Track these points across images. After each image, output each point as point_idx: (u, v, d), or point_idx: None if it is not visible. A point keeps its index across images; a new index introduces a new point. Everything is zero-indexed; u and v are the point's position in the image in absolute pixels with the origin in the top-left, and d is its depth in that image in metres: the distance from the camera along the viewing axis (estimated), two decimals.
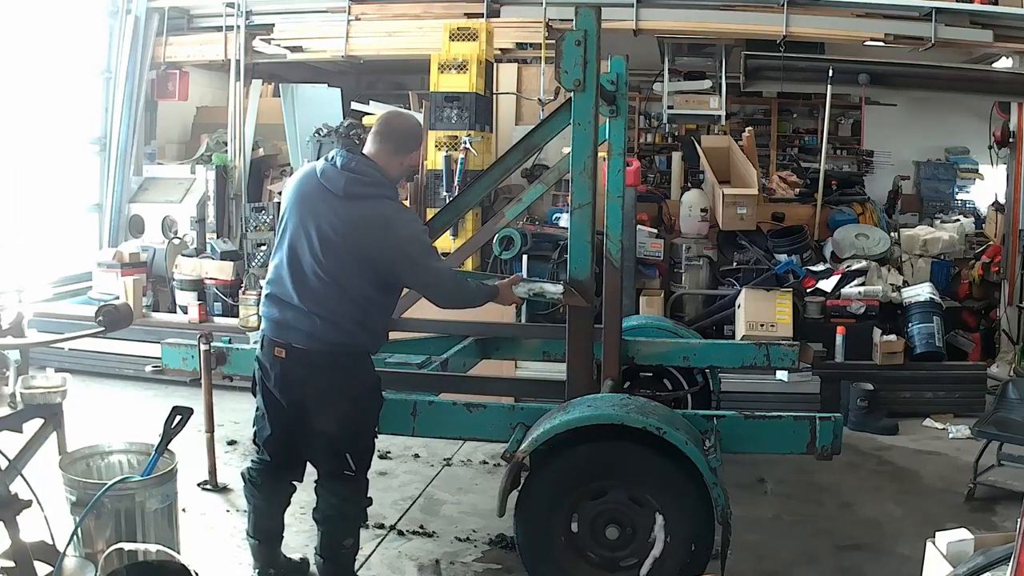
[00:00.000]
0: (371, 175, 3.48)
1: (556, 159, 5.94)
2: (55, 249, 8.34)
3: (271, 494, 3.77)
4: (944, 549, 2.84)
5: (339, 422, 3.50)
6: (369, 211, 3.44)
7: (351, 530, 3.63)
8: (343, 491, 3.58)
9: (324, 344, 3.46)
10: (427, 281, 3.62)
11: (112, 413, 6.19)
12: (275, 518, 3.81)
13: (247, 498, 3.80)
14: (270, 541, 3.80)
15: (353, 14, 8.55)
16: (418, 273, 3.57)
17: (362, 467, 3.60)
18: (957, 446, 6.02)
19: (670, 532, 3.52)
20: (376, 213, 3.44)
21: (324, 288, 3.45)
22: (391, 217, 3.46)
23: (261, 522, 3.77)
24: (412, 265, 3.51)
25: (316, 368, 3.47)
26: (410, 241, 3.49)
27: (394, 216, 3.49)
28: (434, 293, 3.68)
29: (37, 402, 3.44)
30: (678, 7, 8.21)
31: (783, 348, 5.04)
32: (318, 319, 3.45)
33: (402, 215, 3.59)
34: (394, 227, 3.44)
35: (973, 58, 8.81)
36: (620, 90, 4.16)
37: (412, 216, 3.70)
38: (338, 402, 3.49)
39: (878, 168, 11.18)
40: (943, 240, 7.95)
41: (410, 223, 3.59)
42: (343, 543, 3.61)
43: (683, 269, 7.51)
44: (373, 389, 3.62)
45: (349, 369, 3.51)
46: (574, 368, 3.85)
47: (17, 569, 2.83)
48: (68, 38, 8.39)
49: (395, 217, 3.49)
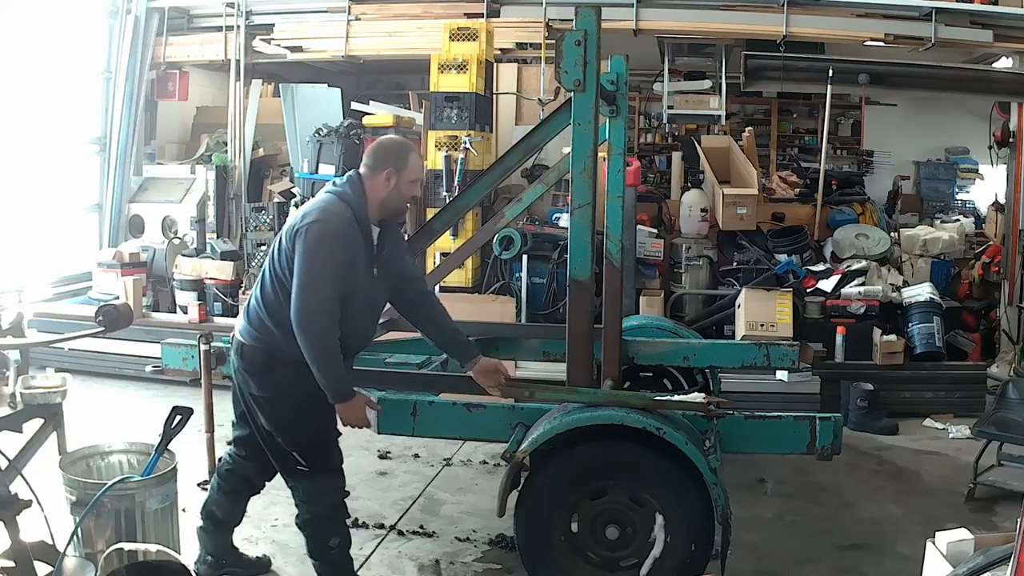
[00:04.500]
0: (337, 184, 3.47)
1: (556, 159, 5.94)
2: (55, 249, 8.34)
3: (232, 490, 3.79)
4: (944, 549, 2.84)
5: (271, 421, 3.48)
6: (312, 203, 3.45)
7: (332, 529, 3.57)
8: (304, 488, 3.53)
9: (247, 338, 3.48)
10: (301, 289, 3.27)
11: (112, 413, 6.19)
12: (231, 511, 3.83)
13: (212, 485, 3.86)
14: (222, 530, 3.82)
15: (353, 14, 8.56)
16: (299, 273, 3.28)
17: (316, 462, 3.49)
18: (957, 446, 6.02)
19: (670, 532, 3.52)
20: (312, 204, 3.44)
21: (257, 285, 3.51)
22: (310, 212, 3.36)
23: (217, 511, 3.78)
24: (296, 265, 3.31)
25: (243, 361, 3.49)
26: (308, 241, 3.27)
27: (314, 214, 3.33)
28: (297, 309, 3.27)
29: (37, 402, 3.46)
30: (678, 7, 8.22)
31: (783, 348, 5.03)
32: (247, 309, 3.52)
33: (322, 217, 3.32)
34: (307, 221, 3.31)
35: (973, 58, 8.81)
36: (620, 90, 4.15)
37: (333, 230, 3.30)
38: (261, 402, 3.48)
39: (878, 168, 11.19)
40: (943, 240, 7.95)
41: (323, 228, 3.29)
42: (328, 543, 3.56)
43: (683, 269, 7.51)
44: (289, 391, 3.42)
45: (264, 368, 3.44)
46: (574, 368, 3.85)
47: (17, 569, 2.83)
48: (68, 38, 8.39)
49: (314, 216, 3.32)
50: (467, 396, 4.02)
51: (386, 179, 3.45)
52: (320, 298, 3.26)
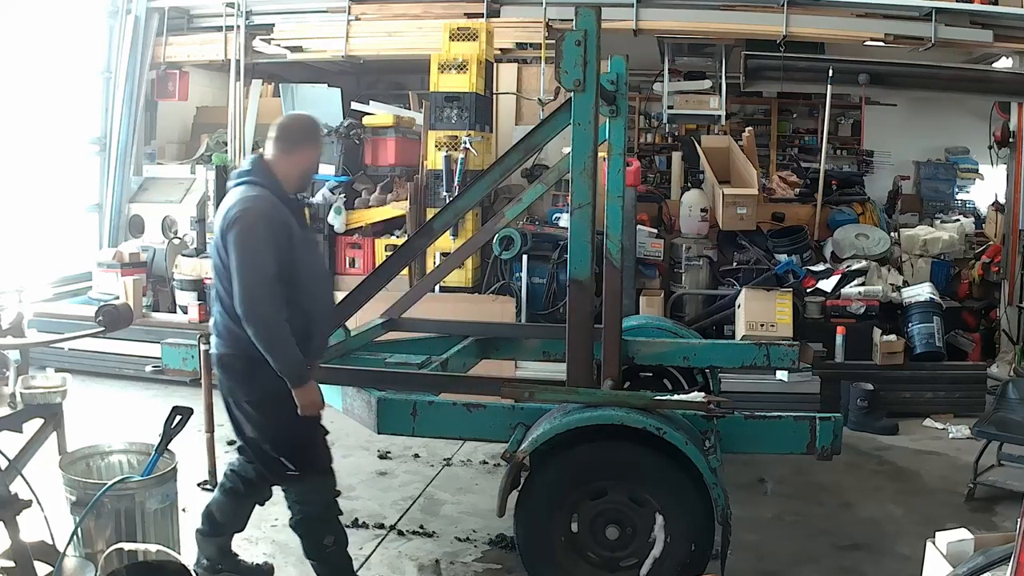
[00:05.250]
0: (244, 169, 3.50)
1: (556, 159, 5.94)
2: (55, 249, 8.34)
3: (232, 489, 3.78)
4: (944, 549, 2.84)
5: (255, 428, 3.50)
6: (226, 201, 3.45)
7: (326, 528, 3.59)
8: (296, 490, 3.57)
9: (223, 350, 3.48)
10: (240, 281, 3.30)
11: (112, 413, 6.19)
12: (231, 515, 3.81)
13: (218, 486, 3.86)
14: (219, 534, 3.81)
15: (353, 14, 8.56)
16: (236, 266, 3.30)
17: (304, 464, 3.52)
18: (957, 446, 6.02)
19: (670, 532, 3.52)
20: (226, 202, 3.43)
21: (215, 302, 3.51)
22: (230, 208, 3.37)
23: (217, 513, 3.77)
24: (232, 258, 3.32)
25: (225, 372, 3.50)
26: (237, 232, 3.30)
27: (235, 209, 3.35)
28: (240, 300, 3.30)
29: (37, 402, 3.45)
30: (678, 7, 8.22)
31: (783, 348, 5.03)
32: (214, 324, 3.52)
33: (242, 206, 3.34)
34: (229, 216, 3.34)
35: (973, 58, 8.81)
36: (620, 90, 4.15)
37: (255, 213, 3.32)
38: (245, 408, 3.49)
39: (878, 168, 11.18)
40: (943, 240, 7.95)
41: (246, 215, 3.32)
42: (323, 542, 3.58)
43: (683, 269, 7.51)
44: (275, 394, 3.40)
45: (245, 373, 3.44)
46: (574, 368, 3.85)
47: (17, 569, 2.83)
48: (68, 38, 8.39)
49: (236, 210, 3.34)
50: (467, 396, 4.02)
51: (302, 157, 3.52)
52: (259, 282, 3.28)
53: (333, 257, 7.80)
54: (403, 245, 5.19)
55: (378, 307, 5.00)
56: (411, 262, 5.95)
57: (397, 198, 7.81)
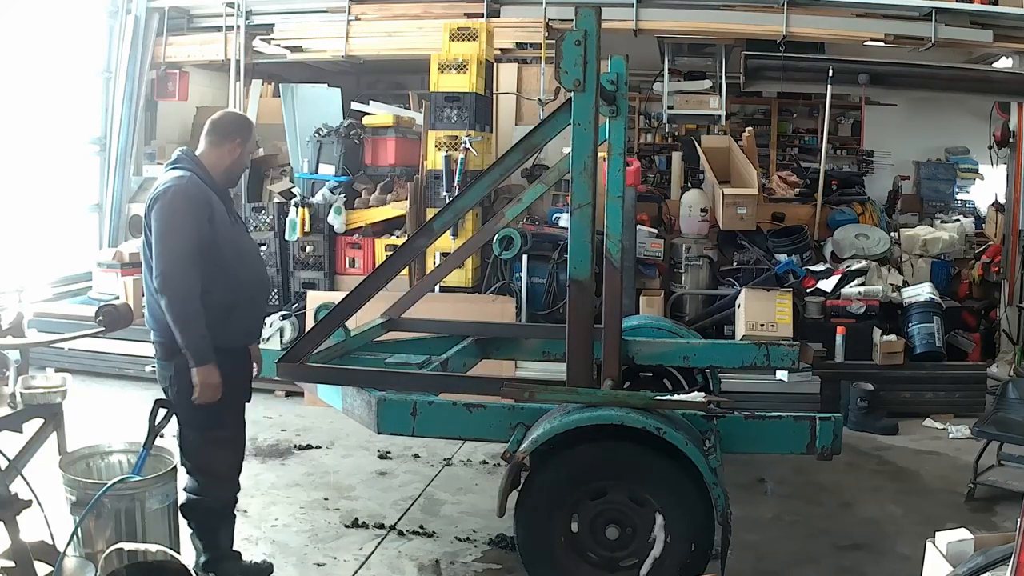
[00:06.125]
0: (173, 159, 3.62)
1: (556, 159, 5.94)
2: (55, 249, 8.34)
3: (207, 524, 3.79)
4: (944, 549, 2.84)
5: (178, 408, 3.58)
6: (154, 186, 3.55)
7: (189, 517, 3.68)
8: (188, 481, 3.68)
9: (153, 338, 3.57)
10: (157, 253, 3.42)
11: (112, 413, 6.19)
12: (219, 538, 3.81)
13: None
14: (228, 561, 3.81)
15: (353, 14, 8.56)
16: (155, 240, 3.43)
17: (199, 463, 3.62)
18: (957, 446, 6.02)
19: (670, 532, 3.52)
20: (154, 186, 3.54)
21: (146, 290, 3.58)
22: (153, 194, 3.50)
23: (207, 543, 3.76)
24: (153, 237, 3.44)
25: (155, 359, 3.60)
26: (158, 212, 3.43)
27: (157, 192, 3.48)
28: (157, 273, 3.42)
29: (37, 402, 3.44)
30: (678, 7, 8.21)
31: (783, 348, 5.03)
32: (148, 311, 3.60)
33: (163, 189, 3.47)
34: (151, 200, 3.47)
35: (973, 58, 8.81)
36: (620, 90, 4.15)
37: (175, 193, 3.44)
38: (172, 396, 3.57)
39: (878, 168, 11.19)
40: (943, 240, 7.96)
41: (165, 195, 3.44)
42: (188, 524, 3.68)
43: (683, 269, 7.51)
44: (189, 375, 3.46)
45: (166, 360, 3.53)
46: (574, 368, 3.85)
47: (17, 569, 2.83)
48: (68, 38, 8.39)
49: (157, 193, 3.47)
50: (467, 396, 4.02)
51: (232, 150, 3.65)
52: (177, 257, 3.38)
53: (333, 257, 7.80)
54: (403, 245, 5.17)
55: (378, 307, 5.00)
56: (411, 262, 5.95)
57: (397, 198, 7.81)
